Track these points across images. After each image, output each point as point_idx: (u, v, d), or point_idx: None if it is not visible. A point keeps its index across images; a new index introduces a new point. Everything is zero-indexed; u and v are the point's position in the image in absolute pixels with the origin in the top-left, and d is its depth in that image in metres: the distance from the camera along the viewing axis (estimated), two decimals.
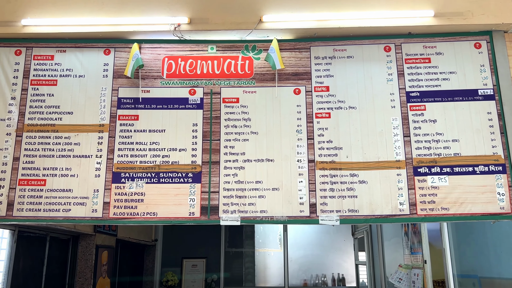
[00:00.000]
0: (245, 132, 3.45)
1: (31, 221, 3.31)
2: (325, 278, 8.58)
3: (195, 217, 3.32)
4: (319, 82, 3.51)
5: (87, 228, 5.93)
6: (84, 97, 3.50)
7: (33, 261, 5.22)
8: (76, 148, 3.41)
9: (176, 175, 3.39)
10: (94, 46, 3.59)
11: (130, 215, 3.32)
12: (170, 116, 3.50)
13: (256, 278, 8.79)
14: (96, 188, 3.34)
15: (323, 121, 3.43)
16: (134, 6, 3.52)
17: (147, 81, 3.55)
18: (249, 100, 3.51)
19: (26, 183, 3.35)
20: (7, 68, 3.54)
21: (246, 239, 9.01)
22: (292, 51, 3.56)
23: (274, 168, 3.37)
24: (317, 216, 3.27)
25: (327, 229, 8.74)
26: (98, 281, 6.26)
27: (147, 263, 8.84)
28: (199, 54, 3.59)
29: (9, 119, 3.46)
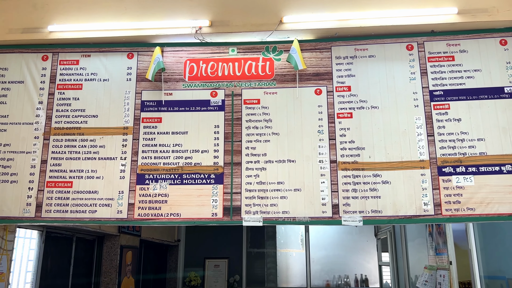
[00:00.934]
0: (266, 133, 3.46)
1: (58, 222, 3.40)
2: (348, 279, 8.52)
3: (217, 218, 3.35)
4: (340, 82, 3.49)
5: (112, 228, 6.04)
6: (109, 101, 3.57)
7: (60, 261, 5.35)
8: (101, 150, 3.48)
9: (198, 176, 3.43)
10: (118, 50, 3.66)
11: (154, 216, 3.37)
12: (192, 118, 3.54)
13: (278, 278, 8.78)
14: (121, 190, 3.41)
15: (345, 121, 3.41)
16: (156, 10, 3.58)
17: (170, 84, 3.60)
18: (270, 101, 3.52)
19: (54, 185, 3.44)
20: (35, 73, 3.65)
21: (267, 239, 9.01)
22: (313, 52, 3.55)
23: (296, 169, 3.37)
24: (340, 217, 3.26)
25: (350, 230, 8.67)
26: (122, 281, 6.37)
27: (170, 263, 8.94)
28: (220, 56, 3.62)
29: (36, 123, 3.56)
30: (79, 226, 5.00)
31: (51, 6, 3.67)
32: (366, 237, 8.58)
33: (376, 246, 8.29)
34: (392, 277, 6.83)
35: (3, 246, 3.99)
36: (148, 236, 7.46)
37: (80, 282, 5.76)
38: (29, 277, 4.78)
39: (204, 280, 8.77)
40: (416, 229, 5.80)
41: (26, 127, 3.54)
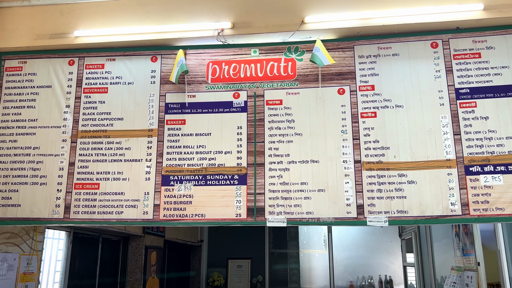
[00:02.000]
0: (289, 134, 3.46)
1: (86, 223, 3.47)
2: (372, 280, 8.43)
3: (241, 219, 3.36)
4: (363, 81, 3.46)
5: (137, 229, 6.14)
6: (134, 103, 3.63)
7: (87, 261, 5.46)
8: (127, 152, 3.54)
9: (222, 177, 3.45)
10: (142, 53, 3.72)
11: (179, 216, 3.41)
12: (216, 119, 3.57)
13: (301, 279, 8.76)
14: (146, 191, 3.46)
15: (369, 121, 3.38)
16: (179, 13, 3.62)
17: (193, 86, 3.63)
18: (292, 101, 3.51)
19: (81, 187, 3.51)
20: (62, 77, 3.73)
21: (290, 240, 9.00)
22: (335, 51, 3.53)
23: (319, 169, 3.36)
24: (365, 217, 3.23)
25: (373, 230, 8.58)
26: (147, 281, 6.46)
27: (193, 263, 9.02)
28: (242, 57, 3.64)
29: (64, 126, 3.64)
30: (105, 227, 5.11)
31: (77, 12, 3.75)
32: (390, 237, 8.47)
33: (400, 247, 8.17)
34: (417, 278, 6.73)
35: (33, 247, 4.10)
36: (172, 237, 7.54)
37: (106, 281, 5.87)
38: (57, 276, 4.91)
39: (227, 280, 8.81)
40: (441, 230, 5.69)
41: (54, 130, 3.63)
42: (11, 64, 3.81)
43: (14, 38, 3.77)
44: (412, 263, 7.22)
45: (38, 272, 4.15)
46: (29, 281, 4.02)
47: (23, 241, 3.96)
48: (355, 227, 8.70)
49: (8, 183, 3.57)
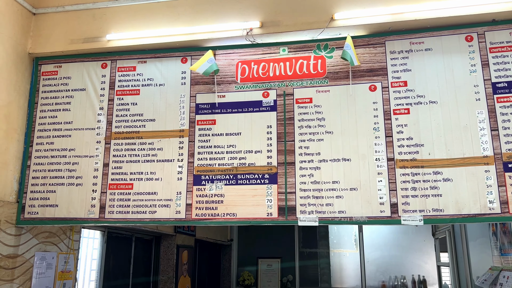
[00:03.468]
0: (320, 132, 3.43)
1: (121, 223, 3.55)
2: (405, 280, 8.27)
3: (273, 218, 3.36)
4: (396, 77, 3.40)
5: (168, 228, 6.23)
6: (165, 105, 3.68)
7: (121, 260, 5.58)
8: (159, 153, 3.60)
9: (253, 177, 3.46)
10: (172, 55, 3.77)
11: (211, 216, 3.43)
12: (245, 119, 3.58)
13: (332, 279, 8.68)
14: (179, 191, 3.50)
15: (402, 118, 3.31)
16: (208, 14, 3.64)
17: (223, 86, 3.65)
18: (322, 99, 3.48)
19: (116, 187, 3.59)
20: (95, 80, 3.82)
21: (320, 239, 8.94)
22: (366, 47, 3.48)
23: (351, 167, 3.31)
24: (399, 216, 3.17)
25: (405, 229, 8.42)
26: (179, 280, 6.54)
27: (224, 263, 9.08)
28: (271, 56, 3.63)
29: (98, 128, 3.73)
30: (138, 226, 5.20)
31: (108, 16, 3.83)
32: (423, 236, 8.29)
33: (434, 246, 7.99)
34: (452, 278, 6.56)
35: (70, 246, 4.21)
36: (203, 236, 7.61)
37: (140, 280, 5.98)
38: (93, 275, 5.03)
39: (258, 279, 8.83)
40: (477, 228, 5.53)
41: (88, 132, 3.73)
42: (47, 68, 3.93)
43: (50, 43, 3.89)
44: (446, 263, 7.05)
45: (75, 270, 4.26)
46: (67, 279, 4.14)
47: (61, 240, 4.08)
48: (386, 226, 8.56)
49: (46, 184, 3.69)
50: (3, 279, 3.44)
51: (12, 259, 3.54)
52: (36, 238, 3.78)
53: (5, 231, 3.50)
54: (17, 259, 3.58)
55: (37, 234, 3.79)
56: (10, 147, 3.66)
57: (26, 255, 3.67)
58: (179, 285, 6.53)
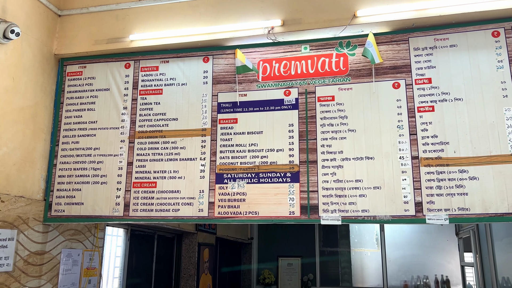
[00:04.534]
0: (342, 130, 3.41)
1: (145, 221, 3.59)
2: (427, 280, 8.16)
3: (295, 216, 3.35)
4: (420, 74, 3.35)
5: (190, 227, 6.28)
6: (187, 104, 3.71)
7: (144, 257, 5.65)
8: (182, 152, 3.63)
9: (275, 175, 3.46)
10: (194, 55, 3.79)
11: (233, 214, 3.45)
12: (267, 117, 3.58)
13: (353, 278, 8.62)
14: (201, 189, 3.53)
15: (426, 115, 3.27)
16: (230, 13, 3.65)
17: (244, 85, 3.66)
18: (345, 97, 3.46)
19: (139, 186, 3.64)
20: (119, 80, 3.88)
21: (341, 238, 8.88)
22: (389, 44, 3.44)
23: (375, 166, 3.28)
24: (424, 215, 3.13)
25: (428, 229, 8.30)
26: (201, 277, 6.60)
27: (244, 261, 9.11)
28: (292, 54, 3.62)
29: (122, 127, 3.78)
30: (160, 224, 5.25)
31: (131, 17, 3.88)
32: (447, 236, 8.16)
33: (457, 246, 7.85)
34: (476, 278, 6.44)
35: (95, 243, 4.29)
36: (223, 234, 7.66)
37: (162, 277, 6.05)
38: (117, 272, 5.11)
39: (278, 278, 8.83)
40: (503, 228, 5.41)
41: (113, 131, 3.78)
42: (72, 69, 4.01)
43: (74, 44, 3.96)
44: (471, 263, 6.92)
45: (100, 267, 4.34)
46: (92, 276, 4.22)
47: (86, 237, 4.16)
48: (408, 225, 8.45)
49: (72, 182, 3.76)
50: (32, 275, 3.53)
51: (40, 256, 3.63)
52: (62, 235, 3.87)
53: (33, 228, 3.58)
54: (44, 255, 3.66)
55: (63, 232, 3.88)
56: (37, 147, 3.75)
57: (53, 252, 3.75)
58: (201, 282, 6.58)
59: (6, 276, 3.30)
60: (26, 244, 3.50)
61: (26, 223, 3.52)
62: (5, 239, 3.30)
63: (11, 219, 3.38)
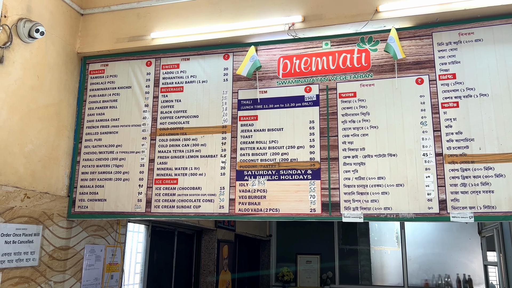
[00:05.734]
0: (364, 127, 3.37)
1: (166, 217, 3.62)
2: (449, 279, 8.04)
3: (316, 214, 3.34)
4: (444, 69, 3.28)
5: (210, 223, 6.32)
6: (208, 101, 3.72)
7: (165, 253, 5.71)
8: (203, 148, 3.64)
9: (295, 172, 3.44)
10: (214, 52, 3.80)
11: (254, 211, 3.45)
12: (287, 114, 3.56)
13: (372, 276, 8.55)
14: (222, 186, 3.54)
15: (451, 111, 3.20)
16: (250, 10, 3.65)
17: (264, 82, 3.65)
18: (367, 93, 3.42)
19: (161, 182, 3.67)
20: (140, 78, 3.91)
21: (360, 236, 8.82)
22: (412, 39, 3.39)
23: (398, 163, 3.24)
24: (448, 213, 3.07)
25: (450, 227, 8.17)
26: (220, 274, 6.63)
27: (263, 258, 9.12)
28: (313, 51, 3.60)
29: (144, 125, 3.82)
30: (180, 220, 5.30)
31: (152, 15, 3.91)
32: (469, 234, 8.03)
33: (480, 244, 7.71)
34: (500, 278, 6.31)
35: (117, 239, 4.35)
36: (242, 231, 7.68)
37: (182, 273, 6.10)
38: (138, 268, 5.17)
39: (297, 275, 8.82)
40: None
41: (134, 128, 3.82)
42: (94, 67, 4.06)
43: (97, 42, 4.01)
44: (494, 262, 6.78)
45: (122, 262, 4.40)
46: (114, 271, 4.28)
47: (108, 233, 4.22)
48: (429, 224, 8.34)
49: (95, 179, 3.82)
50: (56, 270, 3.59)
51: (64, 251, 3.69)
52: (85, 231, 3.93)
53: (57, 224, 3.65)
54: (68, 251, 3.73)
55: (86, 228, 3.94)
56: (61, 144, 3.81)
57: (76, 247, 3.82)
58: (220, 279, 6.62)
59: (32, 271, 3.37)
60: (51, 240, 3.57)
61: (51, 219, 3.59)
62: (31, 234, 3.37)
63: (37, 214, 3.45)
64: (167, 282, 5.72)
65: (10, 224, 3.20)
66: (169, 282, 5.75)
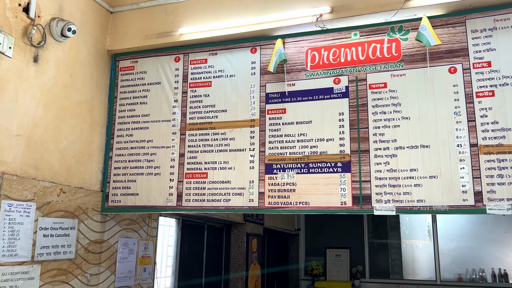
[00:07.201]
0: (395, 118, 3.31)
1: (197, 210, 3.66)
2: (484, 273, 7.83)
3: (347, 207, 3.30)
4: (478, 57, 3.18)
5: (238, 217, 6.35)
6: (236, 95, 3.73)
7: (195, 247, 5.78)
8: (232, 142, 3.66)
9: (325, 165, 3.42)
10: (242, 46, 3.80)
11: (283, 204, 3.45)
12: (316, 107, 3.53)
13: (403, 270, 8.43)
14: (251, 179, 3.55)
15: (486, 100, 3.11)
16: (276, 2, 3.62)
17: (292, 75, 3.63)
18: (398, 84, 3.35)
19: (191, 176, 3.71)
20: (169, 74, 3.96)
21: (391, 230, 8.69)
22: (444, 27, 3.29)
23: (430, 154, 3.17)
24: (484, 205, 2.99)
25: (484, 220, 7.95)
26: (250, 267, 6.67)
27: (291, 252, 9.12)
28: (342, 42, 3.55)
29: (173, 120, 3.87)
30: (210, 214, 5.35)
31: (180, 11, 3.94)
32: (504, 227, 7.80)
33: None
34: None
35: (149, 233, 4.43)
36: (271, 225, 7.69)
37: (213, 266, 6.17)
38: (169, 261, 5.26)
39: (326, 269, 8.78)
40: None
41: (165, 124, 3.87)
42: (124, 64, 4.13)
43: (126, 39, 4.07)
44: None
45: (154, 256, 4.49)
46: (147, 264, 4.37)
47: (140, 227, 4.30)
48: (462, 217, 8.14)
49: (127, 174, 3.89)
50: (92, 263, 3.70)
51: (99, 244, 3.79)
52: (119, 225, 4.02)
53: (92, 218, 3.75)
54: (103, 244, 3.83)
55: (119, 221, 4.03)
56: (94, 140, 3.90)
57: (110, 241, 3.91)
58: (250, 272, 6.66)
59: (69, 263, 3.48)
60: (86, 233, 3.67)
61: (86, 213, 3.69)
62: (67, 228, 3.48)
63: (72, 209, 3.55)
64: (197, 275, 5.80)
65: (47, 218, 3.31)
66: (199, 275, 5.83)
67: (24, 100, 3.25)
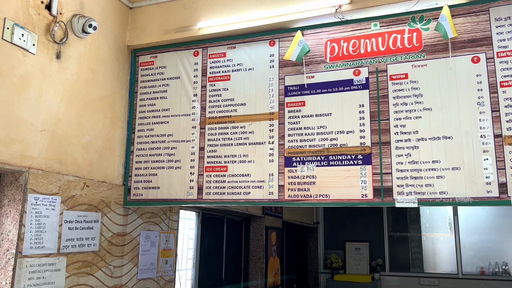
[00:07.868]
0: (417, 109, 3.27)
1: (217, 204, 3.69)
2: (507, 267, 7.71)
3: (368, 199, 3.29)
4: (502, 46, 3.11)
5: (257, 210, 6.38)
6: (255, 88, 3.73)
7: (215, 240, 5.83)
8: (251, 136, 3.67)
9: (345, 158, 3.40)
10: (260, 39, 3.79)
11: (304, 197, 3.45)
12: (336, 99, 3.51)
13: (424, 264, 8.35)
14: (271, 172, 3.55)
15: (510, 90, 3.04)
16: None
17: (311, 67, 3.61)
18: (419, 74, 3.31)
19: (211, 170, 3.74)
20: (188, 68, 3.98)
21: (411, 223, 8.61)
22: (466, 16, 3.23)
23: (453, 145, 3.12)
24: (509, 197, 2.93)
25: (507, 213, 7.81)
26: (269, 260, 6.70)
27: (310, 245, 9.12)
28: (361, 33, 3.51)
29: (193, 114, 3.89)
30: (229, 207, 5.38)
31: (198, 5, 3.95)
32: None
33: None
34: None
35: (170, 226, 4.49)
36: (289, 218, 7.70)
37: (232, 259, 6.22)
38: (190, 254, 5.32)
39: (345, 262, 8.76)
40: None
41: (184, 118, 3.90)
42: (144, 59, 4.17)
43: (145, 35, 4.11)
44: None
45: (175, 248, 4.54)
46: (169, 257, 4.43)
47: (162, 220, 4.36)
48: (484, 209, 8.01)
49: (148, 168, 3.94)
50: (115, 255, 3.77)
51: (122, 237, 3.86)
52: (140, 218, 4.08)
53: (114, 211, 3.81)
54: (125, 237, 3.90)
55: (141, 215, 4.09)
56: (115, 134, 3.96)
57: (133, 234, 3.98)
58: (269, 265, 6.69)
59: (94, 255, 3.55)
60: (109, 226, 3.74)
61: (109, 206, 3.76)
62: (91, 221, 3.55)
63: (96, 202, 3.62)
64: (218, 267, 5.85)
65: (72, 212, 3.38)
66: (219, 268, 5.89)
67: (48, 96, 3.31)
